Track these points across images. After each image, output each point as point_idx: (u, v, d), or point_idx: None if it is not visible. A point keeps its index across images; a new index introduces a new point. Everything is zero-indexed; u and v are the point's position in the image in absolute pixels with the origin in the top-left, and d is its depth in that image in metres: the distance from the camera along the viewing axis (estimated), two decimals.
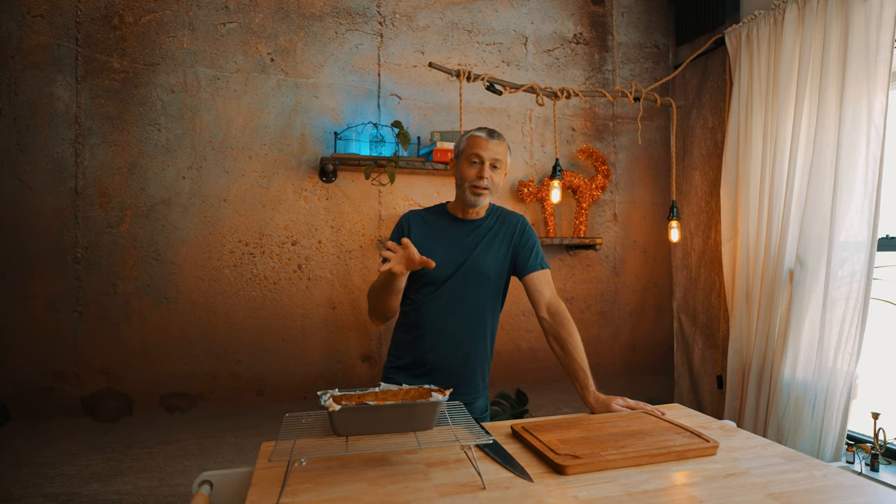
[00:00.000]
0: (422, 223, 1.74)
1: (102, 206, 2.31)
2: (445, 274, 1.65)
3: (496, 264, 1.71)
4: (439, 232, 1.72)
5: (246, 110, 2.47)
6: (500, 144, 1.67)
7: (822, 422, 2.00)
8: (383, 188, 2.63)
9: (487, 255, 1.70)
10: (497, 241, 1.72)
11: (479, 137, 1.67)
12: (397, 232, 1.75)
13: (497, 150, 1.66)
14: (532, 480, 1.04)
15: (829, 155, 2.04)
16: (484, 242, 1.71)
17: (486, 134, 1.67)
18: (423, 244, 1.64)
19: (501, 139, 1.69)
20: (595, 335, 2.98)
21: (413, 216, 1.76)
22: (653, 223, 3.08)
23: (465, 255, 1.68)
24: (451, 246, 1.69)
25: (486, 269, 1.69)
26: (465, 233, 1.72)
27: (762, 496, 0.97)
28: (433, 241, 1.69)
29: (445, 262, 1.65)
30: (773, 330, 2.21)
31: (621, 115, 3.03)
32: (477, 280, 1.68)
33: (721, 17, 2.69)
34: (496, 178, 1.68)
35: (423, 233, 1.71)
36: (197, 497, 1.05)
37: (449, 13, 2.75)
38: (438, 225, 1.74)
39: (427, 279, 1.67)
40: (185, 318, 2.39)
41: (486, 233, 1.73)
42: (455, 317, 1.66)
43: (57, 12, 2.26)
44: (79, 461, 2.25)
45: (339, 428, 1.11)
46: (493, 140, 1.66)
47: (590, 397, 1.55)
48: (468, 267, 1.67)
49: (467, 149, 1.67)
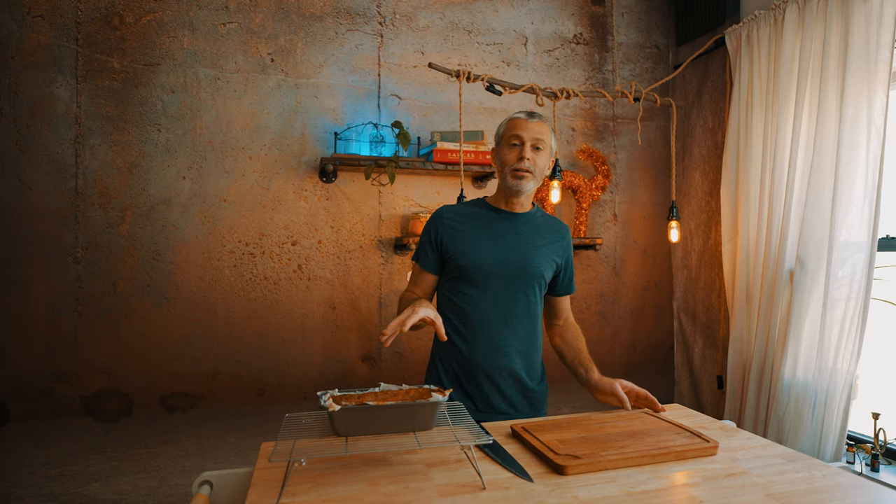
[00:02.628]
0: (459, 217, 1.57)
1: (102, 206, 2.31)
2: (492, 271, 1.49)
3: (549, 268, 1.56)
4: (482, 224, 1.55)
5: (246, 110, 2.47)
6: (542, 125, 1.53)
7: (823, 422, 2.00)
8: (383, 188, 2.64)
9: (540, 255, 1.55)
10: (548, 243, 1.57)
11: (518, 119, 1.54)
12: (426, 232, 1.60)
13: (539, 130, 1.51)
14: (532, 480, 1.04)
15: (830, 155, 2.04)
16: (537, 239, 1.56)
17: (526, 115, 1.54)
18: (461, 237, 1.52)
19: (543, 120, 1.54)
20: (595, 335, 2.98)
21: (446, 213, 1.59)
22: (653, 223, 3.08)
23: (514, 250, 1.52)
24: (495, 239, 1.53)
25: (541, 270, 1.54)
26: (513, 226, 1.56)
27: (762, 496, 0.97)
28: (475, 235, 1.53)
29: (489, 255, 1.50)
30: (774, 330, 2.21)
31: (621, 116, 3.03)
32: (528, 280, 1.53)
33: (721, 17, 2.69)
34: (539, 161, 1.52)
35: (462, 227, 1.55)
36: (197, 497, 1.05)
37: (449, 13, 2.75)
38: (480, 217, 1.57)
39: (465, 271, 1.51)
40: (185, 318, 2.39)
41: (538, 230, 1.58)
42: (507, 323, 1.50)
43: (57, 12, 2.26)
44: (79, 461, 2.25)
45: (339, 428, 1.11)
46: (533, 120, 1.52)
47: (595, 375, 1.54)
48: (520, 263, 1.52)
49: (507, 132, 1.54)
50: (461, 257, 1.52)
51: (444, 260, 1.57)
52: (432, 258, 1.58)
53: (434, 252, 1.58)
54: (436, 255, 1.58)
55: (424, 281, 1.61)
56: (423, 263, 1.59)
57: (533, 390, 1.59)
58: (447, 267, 1.56)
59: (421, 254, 1.61)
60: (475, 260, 1.51)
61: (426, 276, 1.60)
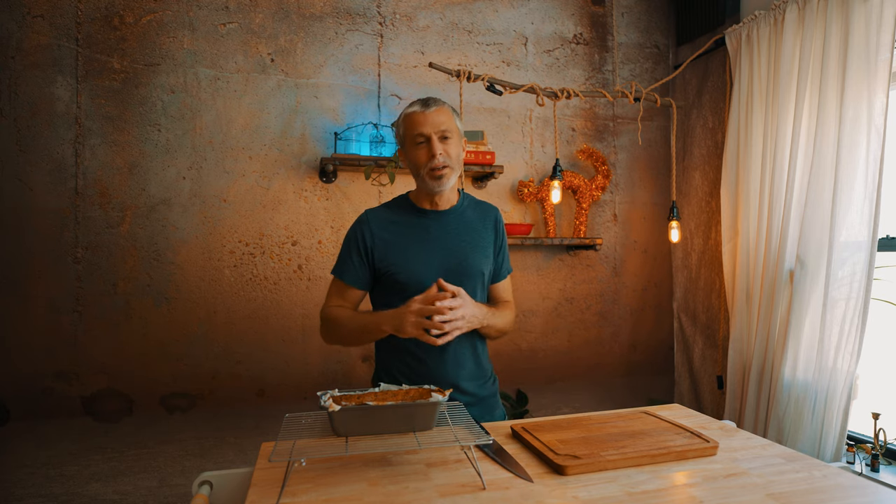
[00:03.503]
0: (386, 223, 1.45)
1: (102, 206, 2.31)
2: (429, 279, 1.35)
3: (488, 262, 1.48)
4: (412, 230, 1.44)
5: (246, 110, 2.47)
6: (441, 110, 1.39)
7: (823, 422, 2.00)
8: (383, 188, 2.63)
9: (477, 251, 1.46)
10: (482, 235, 1.48)
11: (414, 113, 1.40)
12: (353, 241, 1.45)
13: (439, 118, 1.38)
14: (532, 481, 1.04)
15: (830, 155, 2.03)
16: (471, 235, 1.47)
17: (421, 105, 1.40)
18: (393, 248, 1.41)
19: (441, 104, 1.41)
20: (595, 335, 2.98)
21: (372, 217, 1.47)
22: (653, 223, 3.08)
23: (451, 253, 1.43)
24: (429, 245, 1.43)
25: (481, 267, 1.45)
26: (443, 225, 1.46)
27: (762, 496, 0.97)
28: (406, 242, 1.42)
29: (426, 264, 1.40)
30: (774, 330, 2.21)
31: (621, 116, 3.03)
32: (471, 281, 1.43)
33: (721, 18, 2.69)
34: (452, 151, 1.40)
35: (391, 237, 1.43)
36: (197, 497, 1.05)
37: (449, 13, 2.75)
38: (408, 223, 1.46)
39: (405, 287, 1.38)
40: (185, 319, 2.39)
41: (469, 224, 1.48)
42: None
43: (57, 12, 2.26)
44: (79, 461, 2.25)
45: (339, 428, 1.11)
46: (430, 110, 1.38)
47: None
48: (459, 266, 1.42)
49: (408, 131, 1.41)
50: (399, 272, 1.41)
51: (376, 273, 1.44)
52: (361, 272, 1.44)
53: (364, 265, 1.44)
54: (365, 268, 1.44)
55: (349, 297, 1.46)
56: (350, 279, 1.44)
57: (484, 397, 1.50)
58: (382, 281, 1.44)
59: (346, 268, 1.45)
60: (414, 273, 1.40)
61: (351, 293, 1.46)
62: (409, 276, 1.40)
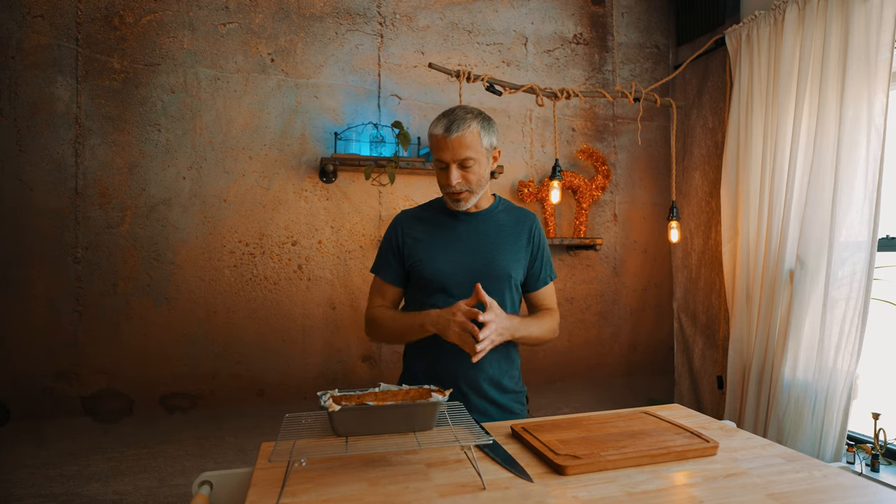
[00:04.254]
0: (418, 223, 1.52)
1: (102, 206, 2.31)
2: (459, 278, 1.41)
3: (518, 266, 1.49)
4: (440, 230, 1.50)
5: (246, 110, 2.47)
6: (462, 138, 1.36)
7: (823, 422, 2.00)
8: (383, 188, 2.64)
9: (506, 254, 1.47)
10: (514, 239, 1.50)
11: (436, 137, 1.39)
12: (388, 240, 1.53)
13: (460, 148, 1.37)
14: (532, 481, 1.04)
15: (829, 155, 2.04)
16: (501, 237, 1.48)
17: (444, 130, 1.37)
18: (421, 246, 1.47)
19: (463, 128, 1.37)
20: (595, 335, 2.98)
21: (405, 219, 1.53)
22: (653, 223, 3.08)
23: (477, 254, 1.46)
24: (455, 244, 1.47)
25: (508, 270, 1.46)
26: (473, 227, 1.49)
27: (762, 496, 0.97)
28: (433, 241, 1.48)
29: (451, 263, 1.44)
30: (774, 330, 2.21)
31: (621, 116, 3.03)
32: (498, 283, 1.46)
33: (721, 18, 2.69)
34: (472, 178, 1.41)
35: (421, 235, 1.49)
36: (197, 497, 1.05)
37: (449, 13, 2.75)
38: (437, 222, 1.51)
39: (429, 283, 1.45)
40: (185, 319, 2.39)
41: (500, 227, 1.50)
42: None
43: (57, 12, 2.26)
44: (79, 461, 2.25)
45: (338, 428, 1.11)
46: (452, 136, 1.36)
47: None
48: (485, 267, 1.44)
49: (432, 148, 1.43)
50: (423, 268, 1.46)
51: (407, 270, 1.50)
52: (396, 269, 1.51)
53: (398, 263, 1.51)
54: (399, 265, 1.51)
55: (389, 295, 1.54)
56: (387, 275, 1.52)
57: (511, 392, 1.53)
58: (411, 277, 1.50)
59: (384, 266, 1.53)
60: (438, 271, 1.44)
61: (390, 290, 1.53)
62: (433, 272, 1.45)
